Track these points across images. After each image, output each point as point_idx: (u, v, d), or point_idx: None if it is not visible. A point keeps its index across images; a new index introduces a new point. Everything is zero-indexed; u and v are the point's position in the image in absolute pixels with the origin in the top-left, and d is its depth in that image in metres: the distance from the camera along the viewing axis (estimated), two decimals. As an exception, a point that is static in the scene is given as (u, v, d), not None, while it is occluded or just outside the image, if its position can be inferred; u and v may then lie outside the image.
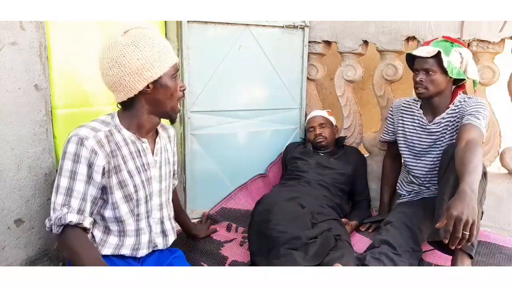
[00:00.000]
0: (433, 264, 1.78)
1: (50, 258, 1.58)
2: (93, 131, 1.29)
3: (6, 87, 1.36)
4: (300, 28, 2.48)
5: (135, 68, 1.27)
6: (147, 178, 1.41)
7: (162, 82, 1.32)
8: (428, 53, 1.80)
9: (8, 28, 1.35)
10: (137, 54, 1.26)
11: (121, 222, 1.37)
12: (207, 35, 2.20)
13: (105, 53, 1.29)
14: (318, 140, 2.38)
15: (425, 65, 1.81)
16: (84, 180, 1.27)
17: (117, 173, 1.33)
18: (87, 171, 1.27)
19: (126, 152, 1.35)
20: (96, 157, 1.27)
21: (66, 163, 1.26)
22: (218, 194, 2.36)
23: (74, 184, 1.26)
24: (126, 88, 1.29)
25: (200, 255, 1.84)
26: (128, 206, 1.37)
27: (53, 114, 1.55)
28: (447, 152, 1.72)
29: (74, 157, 1.26)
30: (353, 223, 2.12)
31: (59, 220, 1.24)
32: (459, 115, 1.84)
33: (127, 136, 1.36)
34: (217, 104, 2.31)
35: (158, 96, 1.33)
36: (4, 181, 1.39)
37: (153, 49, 1.28)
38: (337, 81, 2.54)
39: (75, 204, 1.26)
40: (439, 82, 1.82)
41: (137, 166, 1.38)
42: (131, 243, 1.40)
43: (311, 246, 1.58)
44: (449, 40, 1.87)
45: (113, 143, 1.32)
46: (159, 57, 1.29)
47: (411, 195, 2.05)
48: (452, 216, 1.32)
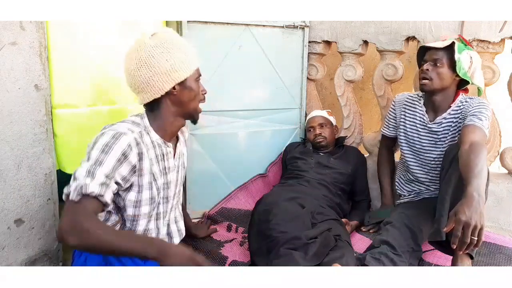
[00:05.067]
0: (433, 264, 1.79)
1: (50, 258, 1.58)
2: (130, 130, 1.28)
3: (6, 87, 1.36)
4: (300, 28, 2.48)
5: (164, 69, 1.30)
6: (166, 181, 1.43)
7: (187, 84, 1.36)
8: (442, 44, 1.81)
9: (8, 28, 1.35)
10: (166, 55, 1.30)
11: (135, 221, 1.37)
12: (207, 35, 2.19)
13: (133, 54, 1.32)
14: (318, 140, 2.38)
15: (434, 56, 1.81)
16: (111, 167, 1.20)
17: (148, 174, 1.34)
18: (115, 162, 1.21)
19: (152, 155, 1.36)
20: (130, 152, 1.25)
21: (94, 153, 1.20)
22: (218, 194, 2.36)
23: (106, 158, 1.19)
24: (153, 88, 1.32)
25: (200, 255, 1.83)
26: (150, 207, 1.38)
27: (53, 114, 1.55)
28: (449, 153, 1.70)
29: (105, 147, 1.20)
30: (353, 223, 2.12)
31: (80, 188, 1.14)
32: (461, 115, 1.83)
33: (155, 139, 1.38)
34: (217, 104, 2.30)
35: (182, 98, 1.37)
36: (4, 181, 1.40)
37: (180, 51, 1.32)
38: (337, 81, 2.54)
39: (101, 176, 1.18)
40: (444, 76, 1.81)
41: (160, 170, 1.39)
42: None
43: (311, 246, 1.58)
44: (464, 41, 1.88)
45: (143, 144, 1.32)
46: (185, 59, 1.33)
47: (412, 195, 2.05)
48: (460, 221, 1.31)
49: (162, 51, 1.30)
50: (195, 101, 1.42)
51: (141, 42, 1.32)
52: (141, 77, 1.31)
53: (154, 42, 1.31)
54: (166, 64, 1.30)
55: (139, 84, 1.32)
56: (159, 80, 1.31)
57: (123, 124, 1.32)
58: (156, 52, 1.30)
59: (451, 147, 1.75)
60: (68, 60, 1.57)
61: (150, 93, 1.33)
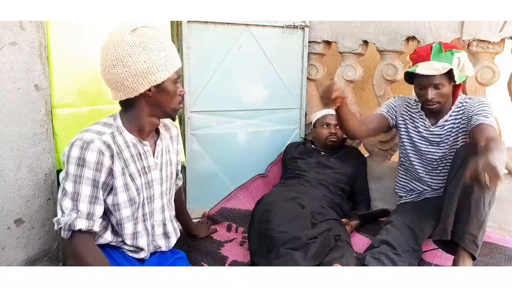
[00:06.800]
0: (433, 264, 1.78)
1: (50, 258, 1.58)
2: (98, 135, 1.27)
3: (6, 87, 1.36)
4: (300, 28, 2.48)
5: (140, 70, 1.23)
6: (147, 181, 1.40)
7: (164, 87, 1.29)
8: (438, 70, 1.73)
9: (8, 28, 1.35)
10: (144, 56, 1.22)
11: (119, 225, 1.36)
12: (207, 35, 2.20)
13: (110, 50, 1.24)
14: (332, 139, 2.36)
15: (434, 82, 1.75)
16: (90, 183, 1.24)
17: (122, 176, 1.32)
18: (93, 174, 1.24)
19: (127, 155, 1.33)
20: (103, 158, 1.25)
21: (71, 168, 1.23)
22: (218, 194, 2.36)
23: (81, 188, 1.23)
24: (127, 89, 1.26)
25: (200, 255, 1.84)
26: (130, 209, 1.35)
27: (53, 114, 1.55)
28: (460, 153, 1.69)
29: (79, 161, 1.23)
30: (353, 223, 2.11)
31: (69, 226, 1.21)
32: (464, 116, 1.82)
33: (129, 139, 1.34)
34: (217, 104, 2.31)
35: (158, 100, 1.31)
36: (4, 181, 1.40)
37: (160, 53, 1.25)
38: (337, 81, 2.53)
39: (84, 208, 1.24)
40: (447, 93, 1.80)
41: (138, 169, 1.36)
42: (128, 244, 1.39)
43: (311, 246, 1.58)
44: (447, 48, 1.78)
45: (116, 145, 1.30)
46: (165, 61, 1.26)
47: (413, 195, 2.05)
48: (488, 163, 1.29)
49: (140, 51, 1.22)
50: (172, 103, 1.34)
51: (119, 38, 1.23)
52: (115, 76, 1.24)
53: (133, 40, 1.22)
54: (143, 65, 1.22)
55: (112, 82, 1.26)
56: (134, 82, 1.24)
57: (93, 128, 1.29)
58: (134, 52, 1.22)
59: (462, 148, 1.73)
60: (68, 60, 1.57)
61: (123, 92, 1.27)
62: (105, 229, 1.36)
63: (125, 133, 1.34)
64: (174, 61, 1.30)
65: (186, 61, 2.13)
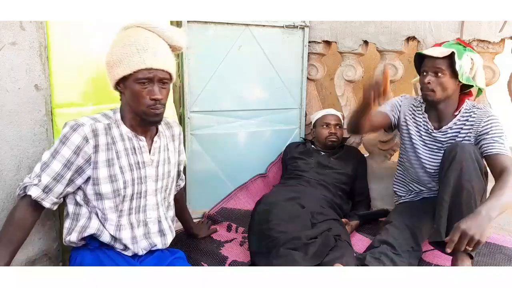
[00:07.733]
0: (433, 264, 1.78)
1: (50, 258, 1.58)
2: (92, 120, 1.33)
3: (6, 87, 1.36)
4: (300, 28, 2.48)
5: (108, 62, 1.34)
6: (140, 176, 1.41)
7: (127, 84, 1.33)
8: (441, 53, 1.70)
9: (8, 28, 1.35)
10: (114, 48, 1.33)
11: (104, 214, 1.38)
12: (207, 35, 2.20)
13: None
14: (332, 139, 2.37)
15: (435, 66, 1.72)
16: (63, 161, 1.30)
17: (109, 167, 1.35)
18: (71, 155, 1.30)
19: (121, 148, 1.37)
20: (85, 144, 1.30)
21: (56, 142, 1.33)
22: (218, 194, 2.36)
23: (52, 163, 1.31)
24: (109, 77, 1.37)
25: (200, 255, 1.84)
26: (113, 201, 1.37)
27: (53, 114, 1.55)
28: (449, 153, 1.67)
29: (63, 139, 1.31)
30: (353, 223, 2.12)
31: (24, 187, 1.30)
32: (472, 130, 1.76)
33: (125, 132, 1.38)
34: (217, 104, 2.31)
35: (127, 97, 1.36)
36: (4, 181, 1.40)
37: (123, 49, 1.31)
38: (337, 81, 2.54)
39: (45, 180, 1.30)
40: (447, 86, 1.73)
41: (130, 163, 1.38)
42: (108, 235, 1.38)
43: (311, 246, 1.58)
44: (462, 43, 1.80)
45: (110, 137, 1.35)
46: (125, 58, 1.30)
47: (411, 195, 2.05)
48: (459, 228, 1.36)
49: (115, 44, 1.34)
50: (140, 104, 1.32)
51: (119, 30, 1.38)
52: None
53: (118, 33, 1.36)
54: (110, 58, 1.33)
55: None
56: (108, 72, 1.36)
57: (93, 115, 1.37)
58: (113, 43, 1.35)
59: (451, 147, 1.70)
60: (68, 60, 1.57)
61: (110, 82, 1.37)
62: (89, 219, 1.37)
63: (122, 127, 1.39)
64: (136, 61, 1.29)
65: (186, 61, 2.13)
